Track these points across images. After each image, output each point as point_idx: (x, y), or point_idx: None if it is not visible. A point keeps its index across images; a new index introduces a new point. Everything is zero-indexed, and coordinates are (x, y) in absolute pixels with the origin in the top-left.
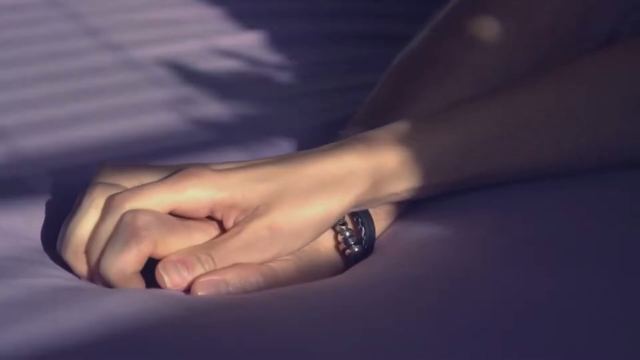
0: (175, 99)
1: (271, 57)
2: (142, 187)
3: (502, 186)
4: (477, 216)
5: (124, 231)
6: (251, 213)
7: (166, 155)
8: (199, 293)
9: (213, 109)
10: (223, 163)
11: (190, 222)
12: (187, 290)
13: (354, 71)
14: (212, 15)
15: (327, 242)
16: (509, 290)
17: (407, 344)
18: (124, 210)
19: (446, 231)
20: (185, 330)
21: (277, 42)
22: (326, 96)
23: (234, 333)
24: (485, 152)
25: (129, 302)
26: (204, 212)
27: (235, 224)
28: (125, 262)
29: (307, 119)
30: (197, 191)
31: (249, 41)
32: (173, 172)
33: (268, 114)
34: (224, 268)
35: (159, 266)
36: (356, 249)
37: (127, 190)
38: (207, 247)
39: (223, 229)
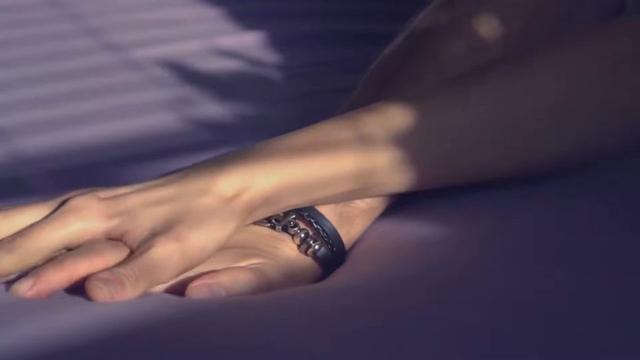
0: (175, 99)
1: (271, 57)
2: (28, 229)
3: (500, 186)
4: (475, 216)
5: None
6: (150, 234)
7: (166, 155)
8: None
9: (213, 109)
10: (112, 189)
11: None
12: (182, 293)
13: (354, 71)
14: (212, 15)
15: (292, 250)
16: (507, 290)
17: (405, 344)
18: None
19: (442, 231)
20: (182, 331)
21: (277, 42)
22: (326, 96)
23: (231, 334)
24: (478, 140)
25: (125, 303)
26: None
27: (139, 246)
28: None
29: (307, 119)
30: (85, 223)
31: (249, 41)
32: (58, 205)
33: (268, 114)
34: (215, 271)
35: (86, 281)
36: (317, 246)
37: (16, 234)
38: (125, 263)
39: None
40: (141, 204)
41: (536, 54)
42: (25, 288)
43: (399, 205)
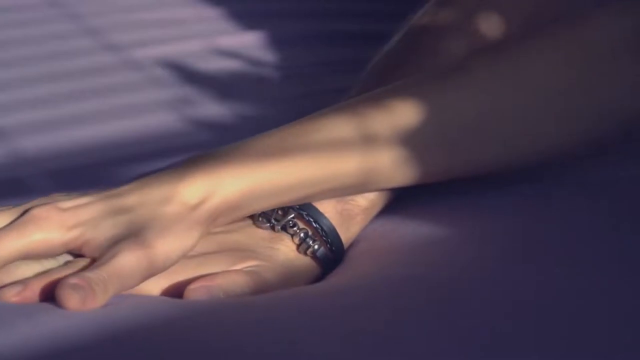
0: (175, 99)
1: (271, 57)
2: None
3: (500, 187)
4: (475, 216)
5: None
6: (113, 243)
7: (166, 155)
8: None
9: (213, 109)
10: (72, 198)
11: None
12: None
13: (354, 71)
14: (212, 15)
15: (290, 250)
16: (507, 290)
17: (405, 344)
18: None
19: (443, 231)
20: (182, 331)
21: (277, 42)
22: (326, 97)
23: (230, 334)
24: (481, 134)
25: (125, 303)
26: (58, 252)
27: (103, 253)
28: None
29: None
30: (45, 233)
31: (249, 41)
32: (20, 214)
33: (268, 114)
34: (213, 274)
35: (56, 288)
36: (316, 246)
37: None
38: (93, 268)
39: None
40: (103, 214)
41: (533, 43)
42: (12, 293)
43: (399, 204)
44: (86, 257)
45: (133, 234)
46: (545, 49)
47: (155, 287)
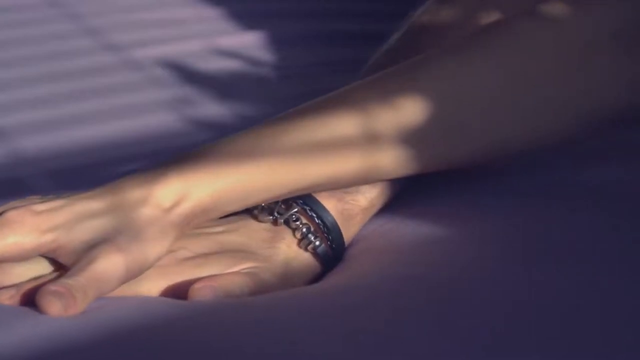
0: (175, 99)
1: (271, 57)
2: None
3: (500, 187)
4: (475, 216)
5: None
6: (88, 247)
7: (166, 155)
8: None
9: (213, 109)
10: (47, 200)
11: None
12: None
13: (354, 72)
14: (212, 15)
15: (290, 249)
16: (507, 290)
17: (405, 344)
18: None
19: (443, 231)
20: (182, 331)
21: (277, 42)
22: None
23: (231, 334)
24: (481, 126)
25: (125, 303)
26: (32, 255)
27: (79, 258)
28: None
29: None
30: (18, 237)
31: (249, 41)
32: None
33: (268, 114)
34: (214, 275)
35: (37, 295)
36: (317, 242)
37: None
38: (72, 274)
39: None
40: (77, 217)
41: (526, 30)
42: (5, 296)
43: (399, 204)
44: (60, 261)
45: (109, 238)
46: (538, 36)
47: (154, 287)
